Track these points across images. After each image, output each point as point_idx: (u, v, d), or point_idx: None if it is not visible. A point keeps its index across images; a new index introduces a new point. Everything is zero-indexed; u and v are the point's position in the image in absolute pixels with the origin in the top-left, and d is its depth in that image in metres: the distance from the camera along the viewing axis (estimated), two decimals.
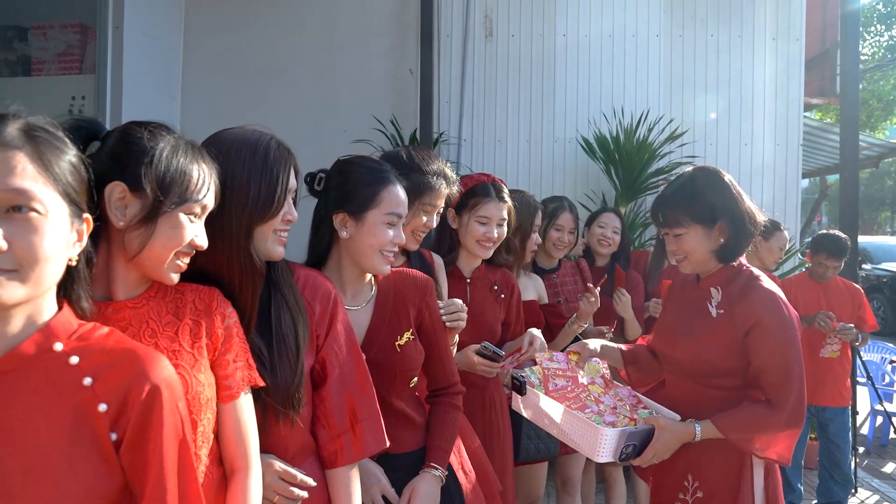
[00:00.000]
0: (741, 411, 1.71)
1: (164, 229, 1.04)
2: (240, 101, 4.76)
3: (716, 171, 1.81)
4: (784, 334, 1.68)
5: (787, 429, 1.70)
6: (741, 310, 1.73)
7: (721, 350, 1.75)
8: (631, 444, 1.70)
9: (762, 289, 1.73)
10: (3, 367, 0.84)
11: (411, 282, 1.64)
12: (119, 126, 1.09)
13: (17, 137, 0.81)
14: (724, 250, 1.77)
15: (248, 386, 1.18)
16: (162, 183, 1.02)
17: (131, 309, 1.07)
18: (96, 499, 0.84)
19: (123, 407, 0.86)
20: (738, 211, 1.74)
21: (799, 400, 1.67)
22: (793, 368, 1.67)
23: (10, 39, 4.47)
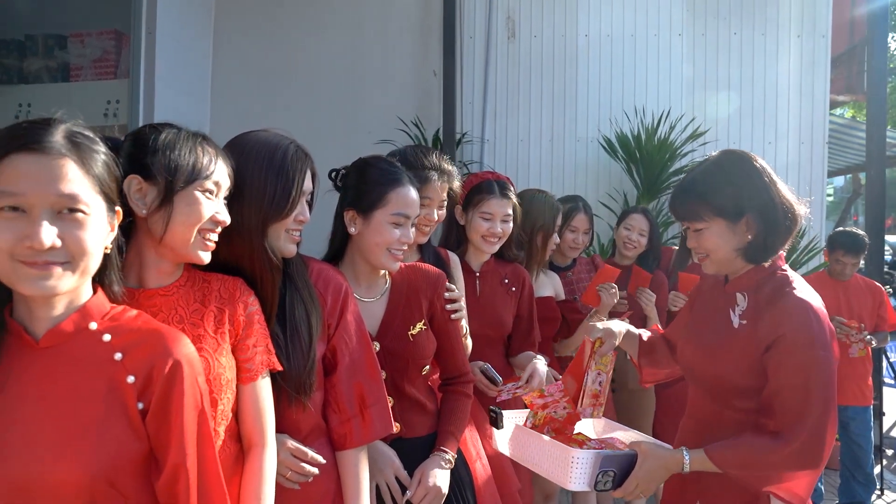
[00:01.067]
0: (739, 442, 1.45)
1: (181, 207, 1.13)
2: (267, 103, 4.89)
3: (744, 154, 1.54)
4: (809, 353, 1.40)
5: (796, 468, 1.41)
6: (765, 322, 1.46)
7: (739, 367, 1.49)
8: (610, 471, 1.50)
9: (793, 297, 1.44)
10: (46, 342, 0.95)
11: (424, 275, 1.72)
12: (130, 132, 1.20)
13: (63, 145, 0.92)
14: (752, 249, 1.49)
15: (267, 369, 1.27)
16: (169, 166, 1.12)
17: (162, 297, 1.17)
18: (125, 461, 0.93)
19: (149, 379, 0.96)
20: (770, 203, 1.47)
21: (816, 433, 1.38)
22: (814, 394, 1.38)
23: (51, 48, 4.65)
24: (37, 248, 0.88)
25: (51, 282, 0.90)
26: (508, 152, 4.95)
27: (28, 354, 0.95)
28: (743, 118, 4.75)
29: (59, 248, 0.90)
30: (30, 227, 0.88)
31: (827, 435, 1.38)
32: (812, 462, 1.40)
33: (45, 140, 0.90)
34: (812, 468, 1.41)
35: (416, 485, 1.58)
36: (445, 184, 1.97)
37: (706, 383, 1.59)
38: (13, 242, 0.88)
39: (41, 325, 0.96)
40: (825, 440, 1.38)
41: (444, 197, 1.97)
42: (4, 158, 0.89)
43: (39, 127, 0.92)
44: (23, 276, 0.90)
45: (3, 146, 0.90)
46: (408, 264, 1.72)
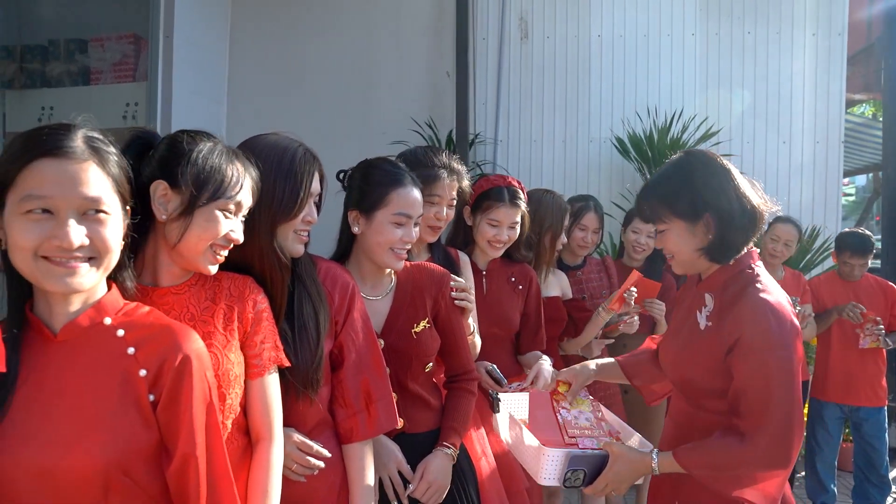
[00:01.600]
0: (707, 444, 1.44)
1: (199, 221, 1.17)
2: (283, 105, 4.95)
3: (704, 155, 1.54)
4: (767, 354, 1.38)
5: (763, 469, 1.39)
6: (727, 323, 1.45)
7: (706, 369, 1.48)
8: (581, 470, 1.53)
9: (752, 298, 1.43)
10: (63, 336, 1.00)
11: (428, 274, 1.76)
12: (167, 135, 1.24)
13: (84, 150, 0.97)
14: (713, 249, 1.49)
15: (275, 365, 1.31)
16: (197, 180, 1.16)
17: (174, 295, 1.22)
18: (137, 450, 0.98)
19: (160, 373, 1.00)
20: (727, 202, 1.46)
21: (781, 434, 1.36)
22: (775, 395, 1.36)
23: (72, 52, 4.74)
24: (66, 248, 0.94)
25: (77, 279, 0.96)
26: (521, 153, 4.97)
27: (47, 347, 1.00)
28: (757, 117, 4.73)
29: (85, 246, 0.96)
30: (58, 228, 0.94)
31: (793, 434, 1.36)
32: (779, 462, 1.38)
33: (67, 145, 0.96)
34: (779, 468, 1.39)
35: (419, 479, 1.62)
36: (455, 182, 1.99)
37: (679, 385, 1.59)
38: (40, 241, 0.94)
39: (59, 319, 1.01)
40: (791, 440, 1.36)
41: (453, 195, 2.00)
42: (30, 164, 0.94)
43: (60, 132, 0.97)
44: (49, 273, 0.95)
45: (27, 152, 0.95)
46: (413, 263, 1.75)
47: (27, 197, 0.93)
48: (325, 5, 5.05)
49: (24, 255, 0.95)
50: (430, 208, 1.91)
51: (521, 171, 4.87)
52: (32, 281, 0.98)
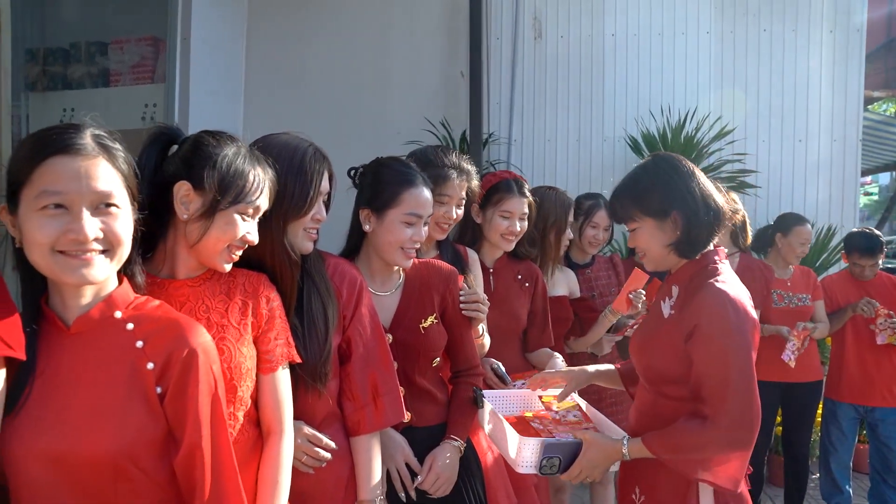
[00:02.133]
0: (673, 429, 1.52)
1: (219, 224, 1.21)
2: (298, 105, 4.99)
3: (672, 158, 1.64)
4: (725, 340, 1.46)
5: (727, 449, 1.48)
6: (688, 311, 1.54)
7: (666, 355, 1.57)
8: (556, 458, 1.59)
9: (712, 288, 1.51)
10: (76, 329, 1.04)
11: (436, 271, 1.78)
12: (193, 134, 1.28)
13: (94, 147, 1.01)
14: (680, 245, 1.58)
15: (287, 361, 1.34)
16: (220, 184, 1.20)
17: (190, 287, 1.25)
18: (145, 440, 1.01)
19: (167, 366, 1.04)
20: (692, 201, 1.55)
21: (741, 414, 1.44)
22: (731, 378, 1.45)
23: (93, 54, 4.83)
24: (81, 241, 0.98)
25: (92, 270, 1.00)
26: (535, 152, 4.98)
27: (60, 340, 1.04)
28: (772, 116, 4.69)
29: (99, 239, 1.00)
30: (73, 223, 0.98)
31: (752, 415, 1.44)
32: (740, 442, 1.46)
33: (78, 142, 1.00)
34: (741, 449, 1.47)
35: (427, 471, 1.65)
36: (464, 182, 2.01)
37: (642, 372, 1.67)
38: (56, 236, 0.98)
39: (72, 312, 1.04)
40: (751, 421, 1.44)
41: (462, 195, 2.02)
42: (43, 162, 0.98)
43: (70, 131, 1.01)
44: (66, 266, 0.99)
45: (39, 151, 0.99)
46: (421, 260, 1.78)
47: (42, 193, 0.97)
48: (340, 6, 5.09)
49: (41, 251, 0.98)
50: (439, 207, 1.94)
51: (534, 171, 4.88)
52: (49, 275, 1.02)
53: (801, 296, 3.43)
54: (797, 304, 3.41)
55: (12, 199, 1.00)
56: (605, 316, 2.62)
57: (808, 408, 3.48)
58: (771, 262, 3.50)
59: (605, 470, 1.60)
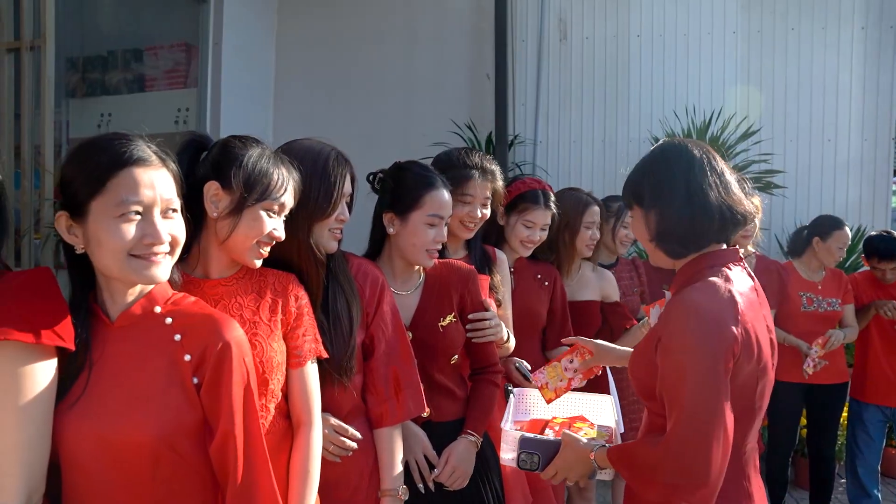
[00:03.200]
0: (632, 444, 1.41)
1: (246, 220, 1.29)
2: (327, 108, 5.09)
3: (674, 147, 1.46)
4: (679, 357, 1.27)
5: (674, 477, 1.25)
6: (660, 320, 1.40)
7: (640, 365, 1.44)
8: (535, 454, 1.56)
9: (683, 298, 1.33)
10: (119, 323, 1.13)
11: (455, 271, 1.84)
12: (220, 139, 1.36)
13: (157, 159, 1.11)
14: (659, 239, 1.42)
15: (314, 356, 1.41)
16: (247, 183, 1.28)
17: (223, 286, 1.33)
18: (182, 427, 1.09)
19: (203, 358, 1.11)
20: (670, 192, 1.38)
21: (691, 440, 1.23)
22: (681, 402, 1.25)
23: (128, 61, 4.98)
24: (158, 243, 1.08)
25: (158, 269, 1.10)
26: (560, 153, 5.00)
27: (105, 333, 1.12)
28: (801, 115, 4.65)
29: (167, 241, 1.10)
30: (149, 227, 1.08)
31: (706, 446, 1.22)
32: (688, 474, 1.23)
33: (147, 155, 1.10)
34: (690, 482, 1.24)
35: (444, 464, 1.71)
36: (488, 182, 2.05)
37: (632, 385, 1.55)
38: (134, 241, 1.07)
39: (116, 308, 1.13)
40: (704, 452, 1.22)
41: (487, 195, 2.06)
42: (119, 173, 1.07)
43: (132, 144, 1.10)
44: (139, 268, 1.08)
45: (114, 164, 1.07)
46: (441, 261, 1.84)
47: (122, 202, 1.06)
48: (369, 11, 5.16)
49: (115, 255, 1.07)
50: (462, 207, 1.99)
51: (560, 172, 4.90)
52: (119, 276, 1.10)
53: (831, 300, 3.37)
54: (826, 308, 3.35)
55: (77, 208, 1.08)
56: (640, 329, 2.62)
57: (834, 409, 3.44)
58: (804, 264, 3.44)
59: (582, 475, 1.51)
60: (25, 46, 3.31)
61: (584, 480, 1.55)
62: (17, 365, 0.98)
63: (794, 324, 3.27)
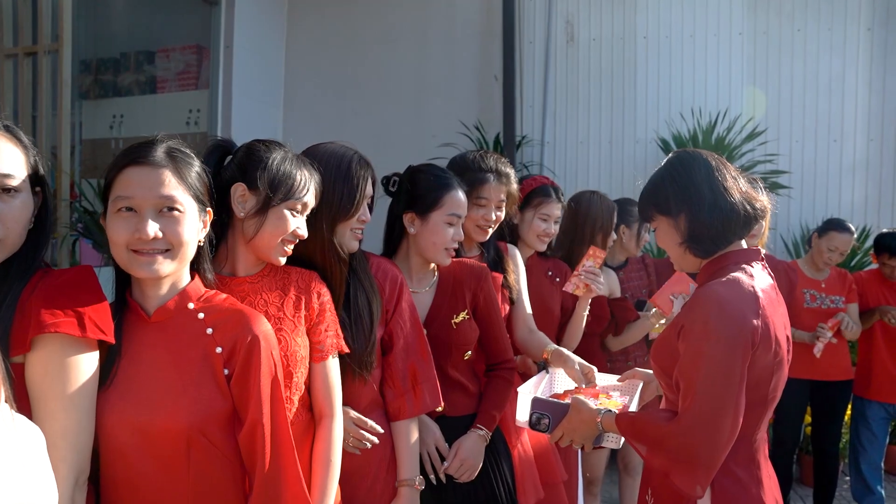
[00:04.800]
0: (643, 415, 1.50)
1: (272, 220, 1.35)
2: (337, 109, 5.16)
3: (691, 155, 1.56)
4: (701, 345, 1.36)
5: (682, 452, 1.36)
6: (683, 309, 1.49)
7: (667, 351, 1.50)
8: (545, 416, 1.60)
9: (708, 289, 1.43)
10: (155, 318, 1.19)
11: (469, 269, 1.90)
12: (245, 143, 1.42)
13: (163, 158, 1.16)
14: (689, 242, 1.51)
15: (336, 351, 1.48)
16: (271, 184, 1.34)
17: (249, 284, 1.40)
18: (214, 416, 1.15)
19: (233, 351, 1.18)
20: (697, 198, 1.47)
21: (703, 422, 1.33)
22: (699, 387, 1.34)
23: (140, 63, 5.06)
24: (144, 239, 1.12)
25: (156, 266, 1.14)
26: (568, 154, 5.05)
27: (142, 327, 1.19)
28: (807, 116, 4.69)
29: (160, 238, 1.14)
30: (139, 223, 1.12)
31: (718, 428, 1.32)
32: (697, 451, 1.34)
33: (149, 155, 1.15)
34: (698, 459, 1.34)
35: (453, 456, 1.77)
36: (502, 185, 2.10)
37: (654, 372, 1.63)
38: (128, 236, 1.13)
39: (151, 303, 1.19)
40: (715, 433, 1.32)
41: (501, 198, 2.10)
42: (121, 172, 1.14)
43: (146, 145, 1.16)
44: (135, 262, 1.14)
45: (119, 163, 1.15)
46: (455, 260, 1.89)
47: (117, 198, 1.13)
48: (379, 14, 5.23)
49: (118, 249, 1.14)
50: (478, 210, 2.04)
51: (567, 172, 4.95)
52: (126, 269, 1.17)
53: (834, 297, 3.42)
54: (829, 305, 3.41)
55: (105, 208, 1.17)
56: (648, 318, 2.69)
57: (838, 406, 3.49)
58: (808, 262, 3.50)
59: (587, 439, 1.58)
60: (43, 50, 3.38)
61: (589, 445, 1.60)
62: (64, 356, 1.05)
63: (797, 320, 3.31)
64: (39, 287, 1.07)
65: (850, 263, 4.26)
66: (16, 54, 3.47)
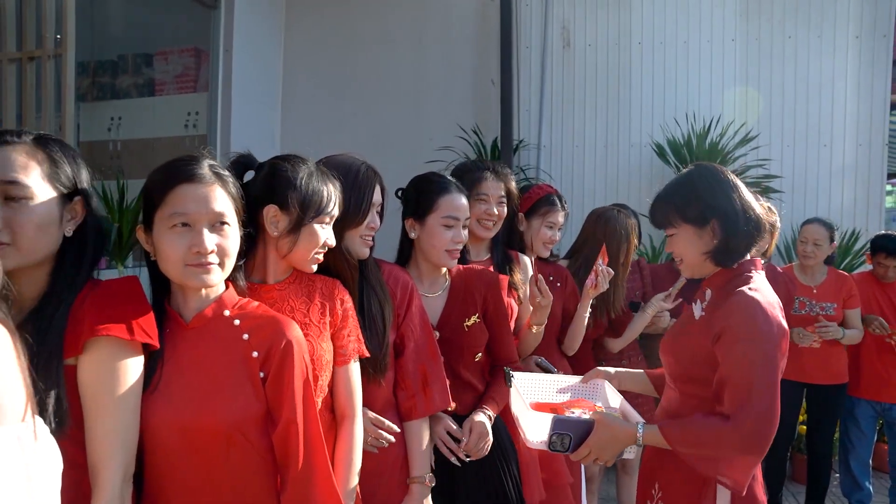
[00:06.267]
0: (693, 422, 1.54)
1: (305, 236, 1.43)
2: (334, 112, 5.20)
3: (714, 167, 1.67)
4: (753, 345, 1.48)
5: (741, 452, 1.49)
6: (719, 313, 1.56)
7: (691, 355, 1.60)
8: (567, 435, 1.58)
9: (744, 294, 1.54)
10: (193, 324, 1.26)
11: (479, 276, 1.99)
12: (268, 160, 1.49)
13: (211, 176, 1.23)
14: (718, 253, 1.61)
15: (357, 355, 1.55)
16: (302, 204, 1.41)
17: (277, 290, 1.47)
18: (251, 416, 1.22)
19: (268, 355, 1.24)
20: (732, 210, 1.58)
21: (761, 421, 1.46)
22: (755, 385, 1.47)
23: (139, 65, 5.07)
24: (202, 252, 1.19)
25: (210, 276, 1.22)
26: (564, 158, 5.12)
27: (181, 333, 1.25)
28: (797, 121, 4.78)
29: (215, 251, 1.21)
30: (196, 238, 1.19)
31: (773, 423, 1.46)
32: (756, 448, 1.48)
33: (199, 173, 1.22)
34: (756, 454, 1.50)
35: (468, 433, 1.81)
36: (501, 182, 2.23)
37: (669, 371, 1.71)
38: (185, 250, 1.19)
39: (190, 311, 1.26)
40: (771, 428, 1.46)
41: (501, 194, 2.23)
42: (173, 189, 1.20)
43: (191, 163, 1.23)
44: (192, 274, 1.21)
45: (170, 180, 1.21)
46: (466, 267, 1.97)
47: (172, 215, 1.19)
48: (375, 17, 5.27)
49: (174, 264, 1.21)
50: (479, 206, 2.17)
51: (563, 176, 5.03)
52: (178, 282, 1.24)
53: (824, 304, 3.46)
54: (819, 312, 3.44)
55: (147, 221, 1.23)
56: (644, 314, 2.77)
57: (832, 409, 3.56)
58: (798, 267, 3.57)
59: (614, 454, 1.60)
60: (47, 55, 3.41)
61: (613, 460, 1.62)
62: (115, 358, 1.11)
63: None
64: (90, 296, 1.13)
65: (841, 266, 4.35)
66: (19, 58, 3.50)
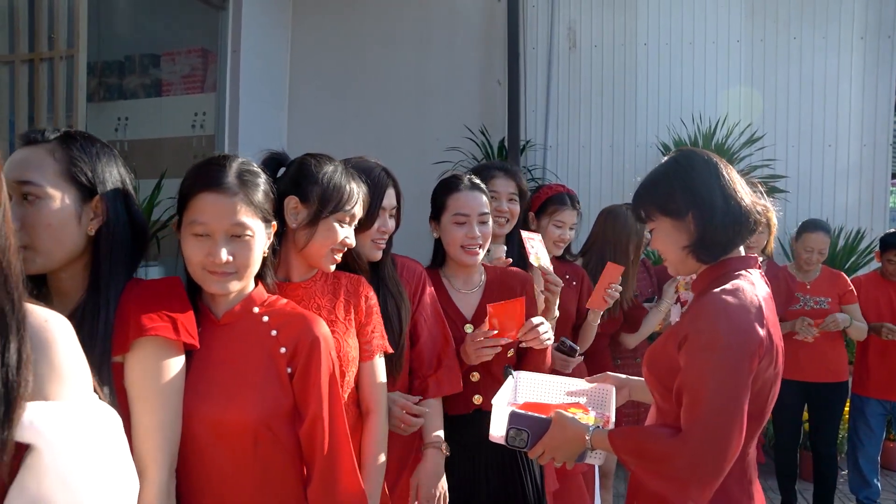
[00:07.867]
0: (640, 431, 1.42)
1: (322, 230, 1.45)
2: (341, 112, 5.22)
3: (695, 154, 1.47)
4: (713, 355, 1.27)
5: (686, 471, 1.26)
6: (686, 317, 1.40)
7: (664, 362, 1.42)
8: (524, 431, 1.49)
9: (713, 296, 1.34)
10: (224, 321, 1.29)
11: (513, 275, 2.04)
12: (298, 158, 1.51)
13: (235, 184, 1.24)
14: (696, 247, 1.42)
15: (382, 351, 1.58)
16: (322, 197, 1.44)
17: (303, 289, 1.50)
18: (278, 411, 1.24)
19: (296, 351, 1.27)
20: (709, 200, 1.39)
21: (710, 444, 1.24)
22: (705, 400, 1.26)
23: (146, 66, 5.09)
24: (217, 263, 1.22)
25: (226, 284, 1.25)
26: (570, 158, 5.14)
27: (212, 329, 1.28)
28: (802, 121, 4.80)
29: (231, 262, 1.23)
30: (213, 247, 1.22)
31: (722, 450, 1.25)
32: (703, 469, 1.26)
33: (222, 182, 1.23)
34: (704, 476, 1.26)
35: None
36: (510, 179, 2.27)
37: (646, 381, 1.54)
38: (203, 258, 1.22)
39: (220, 308, 1.29)
40: (721, 455, 1.25)
41: (511, 190, 2.27)
42: (195, 196, 1.23)
43: (218, 168, 1.24)
44: (209, 279, 1.24)
45: (194, 186, 1.23)
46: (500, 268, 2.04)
47: (193, 222, 1.22)
48: (383, 17, 5.29)
49: (194, 267, 1.24)
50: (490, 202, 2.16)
51: (569, 176, 5.04)
52: (199, 284, 1.27)
53: (819, 299, 3.50)
54: (813, 306, 3.48)
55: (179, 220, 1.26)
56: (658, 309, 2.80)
57: (834, 407, 3.58)
58: (794, 266, 3.62)
59: (570, 456, 1.48)
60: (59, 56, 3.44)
61: (571, 462, 1.51)
62: (160, 357, 1.14)
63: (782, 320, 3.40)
64: (134, 295, 1.16)
65: (846, 265, 4.37)
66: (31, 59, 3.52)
